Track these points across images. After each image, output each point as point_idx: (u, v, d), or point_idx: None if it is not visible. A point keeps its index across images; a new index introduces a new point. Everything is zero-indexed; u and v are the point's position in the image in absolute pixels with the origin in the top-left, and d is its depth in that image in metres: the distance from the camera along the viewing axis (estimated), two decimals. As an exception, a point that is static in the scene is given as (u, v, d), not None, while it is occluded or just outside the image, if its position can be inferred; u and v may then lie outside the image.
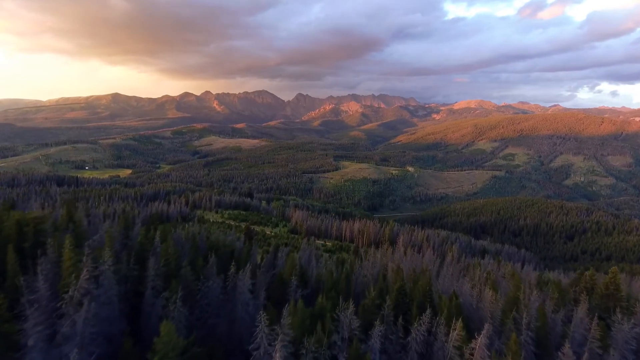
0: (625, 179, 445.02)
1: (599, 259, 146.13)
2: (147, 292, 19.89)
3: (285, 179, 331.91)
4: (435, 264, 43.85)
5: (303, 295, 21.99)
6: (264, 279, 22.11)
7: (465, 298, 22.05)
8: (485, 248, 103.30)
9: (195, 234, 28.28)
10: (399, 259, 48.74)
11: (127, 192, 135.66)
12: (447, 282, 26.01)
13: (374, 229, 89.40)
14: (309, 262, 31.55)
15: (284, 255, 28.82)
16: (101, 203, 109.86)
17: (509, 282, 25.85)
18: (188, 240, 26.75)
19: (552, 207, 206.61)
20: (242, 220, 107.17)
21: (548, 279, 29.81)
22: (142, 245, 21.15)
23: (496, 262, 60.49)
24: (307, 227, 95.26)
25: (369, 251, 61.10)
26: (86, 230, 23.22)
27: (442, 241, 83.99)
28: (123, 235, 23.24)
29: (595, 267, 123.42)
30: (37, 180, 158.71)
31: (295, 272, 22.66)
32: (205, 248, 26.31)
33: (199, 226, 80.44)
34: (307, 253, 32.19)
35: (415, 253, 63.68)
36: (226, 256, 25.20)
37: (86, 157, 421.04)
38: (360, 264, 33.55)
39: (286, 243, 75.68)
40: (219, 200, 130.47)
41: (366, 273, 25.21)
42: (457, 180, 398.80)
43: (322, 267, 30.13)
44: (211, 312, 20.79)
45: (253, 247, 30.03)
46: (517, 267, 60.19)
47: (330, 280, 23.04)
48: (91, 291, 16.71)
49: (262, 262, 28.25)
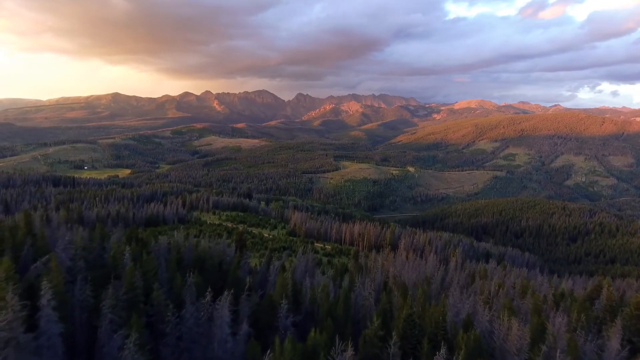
0: (626, 180, 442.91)
1: (603, 261, 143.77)
2: (102, 328, 16.36)
3: (285, 179, 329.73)
4: (439, 271, 41.63)
5: (295, 322, 19.47)
6: (248, 305, 19.34)
7: (481, 325, 19.67)
8: (488, 251, 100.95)
9: (180, 245, 25.76)
10: (401, 265, 46.44)
11: (123, 193, 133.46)
12: (456, 298, 23.69)
13: (375, 232, 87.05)
14: (305, 275, 29.25)
15: (277, 268, 26.35)
16: (96, 204, 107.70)
17: (528, 302, 23.66)
18: (173, 250, 24.23)
19: (554, 208, 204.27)
20: (240, 222, 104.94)
21: (563, 291, 27.71)
22: (113, 261, 18.49)
23: (502, 268, 58.24)
24: (305, 230, 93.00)
25: (369, 256, 58.88)
26: (47, 244, 19.96)
27: (445, 244, 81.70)
28: (97, 248, 20.50)
29: (602, 270, 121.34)
30: (33, 181, 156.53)
31: (286, 292, 20.17)
32: (190, 260, 23.87)
33: (189, 232, 78.26)
34: (303, 264, 29.89)
35: (418, 258, 61.44)
36: (213, 270, 22.84)
37: (85, 157, 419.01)
38: (359, 276, 31.29)
39: (284, 247, 73.42)
40: (217, 201, 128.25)
41: (367, 293, 22.85)
42: (457, 180, 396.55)
43: (318, 281, 27.81)
44: (183, 348, 17.28)
45: (243, 258, 27.63)
46: (523, 273, 57.92)
47: (326, 303, 20.56)
48: (16, 337, 13.51)
49: (252, 278, 25.65)
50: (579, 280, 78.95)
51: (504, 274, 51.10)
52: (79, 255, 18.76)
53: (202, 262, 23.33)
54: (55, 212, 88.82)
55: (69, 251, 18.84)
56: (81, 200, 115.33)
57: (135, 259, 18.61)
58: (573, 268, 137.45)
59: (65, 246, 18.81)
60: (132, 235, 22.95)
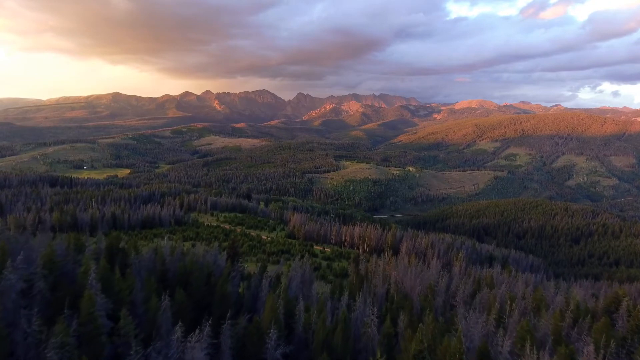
0: (628, 180, 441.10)
1: (607, 263, 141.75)
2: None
3: (285, 179, 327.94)
4: (443, 278, 39.78)
5: (285, 353, 17.15)
6: (232, 333, 17.10)
7: (500, 358, 17.63)
8: (491, 254, 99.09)
9: (165, 256, 23.61)
10: (403, 271, 44.59)
11: (121, 193, 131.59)
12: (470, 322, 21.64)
13: (376, 234, 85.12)
14: (301, 288, 27.24)
15: (270, 281, 24.22)
16: (92, 205, 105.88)
17: (547, 322, 21.74)
18: (158, 262, 22.06)
19: (556, 209, 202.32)
20: (238, 223, 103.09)
21: (578, 304, 25.97)
22: (82, 280, 16.10)
23: (507, 273, 56.44)
24: (305, 232, 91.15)
25: (370, 260, 57.00)
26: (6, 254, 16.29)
27: (448, 248, 79.86)
28: (68, 263, 18.04)
29: (607, 273, 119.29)
30: (29, 181, 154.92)
31: (276, 317, 18.03)
32: (175, 273, 21.78)
33: (178, 237, 76.47)
34: (299, 274, 27.93)
35: (420, 262, 59.61)
36: (199, 284, 20.83)
37: (84, 157, 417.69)
38: (360, 291, 29.41)
39: (282, 250, 71.58)
40: (215, 202, 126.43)
41: (369, 316, 20.89)
42: (458, 180, 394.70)
43: (315, 298, 25.84)
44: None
45: (235, 269, 25.59)
46: (530, 278, 56.06)
47: (323, 330, 18.41)
48: None
49: (242, 295, 23.46)
50: (585, 284, 77.17)
51: (510, 280, 49.36)
52: (39, 275, 15.56)
53: (188, 276, 21.30)
54: (49, 213, 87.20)
55: (22, 269, 15.40)
56: (77, 202, 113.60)
57: (105, 278, 16.24)
58: (576, 270, 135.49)
59: (19, 263, 15.25)
60: (112, 244, 20.92)
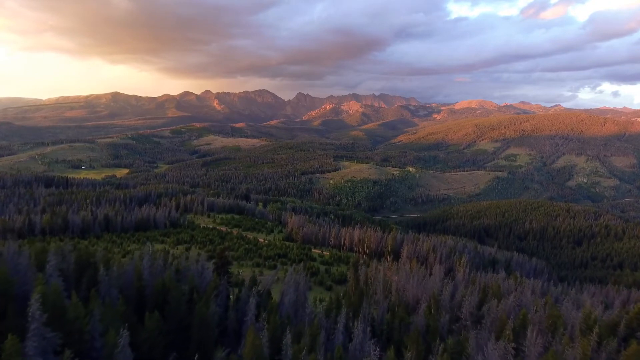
0: (629, 180, 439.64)
1: (611, 265, 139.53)
2: None
3: (284, 180, 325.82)
4: (447, 287, 37.66)
5: None
6: None
7: None
8: (494, 257, 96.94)
9: (143, 270, 21.17)
10: (405, 279, 42.42)
11: (116, 194, 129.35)
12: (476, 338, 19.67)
13: (376, 237, 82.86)
14: (293, 307, 24.94)
15: (254, 307, 21.57)
16: (86, 207, 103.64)
17: (576, 350, 19.66)
18: (134, 277, 19.57)
19: (558, 210, 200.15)
20: (235, 225, 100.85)
21: (595, 318, 23.99)
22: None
23: (513, 280, 54.37)
24: (303, 235, 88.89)
25: (370, 265, 54.84)
26: None
27: (450, 251, 77.67)
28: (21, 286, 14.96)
29: (612, 277, 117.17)
30: (24, 181, 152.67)
31: (258, 355, 15.68)
32: (152, 290, 19.38)
33: (170, 243, 74.42)
34: (292, 290, 25.61)
35: (422, 267, 57.48)
36: (179, 304, 18.46)
37: (83, 157, 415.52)
38: (360, 310, 27.17)
39: (279, 254, 69.28)
40: (212, 204, 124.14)
41: (369, 348, 18.81)
42: (459, 181, 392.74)
43: (309, 318, 23.63)
44: None
45: (222, 285, 23.20)
46: (537, 285, 53.93)
47: None
48: None
49: (224, 323, 20.53)
50: (592, 289, 75.05)
51: (516, 287, 47.25)
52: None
53: (166, 294, 19.03)
54: (41, 215, 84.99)
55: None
56: (71, 203, 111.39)
57: (56, 304, 13.41)
58: (580, 273, 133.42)
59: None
60: (81, 257, 18.55)
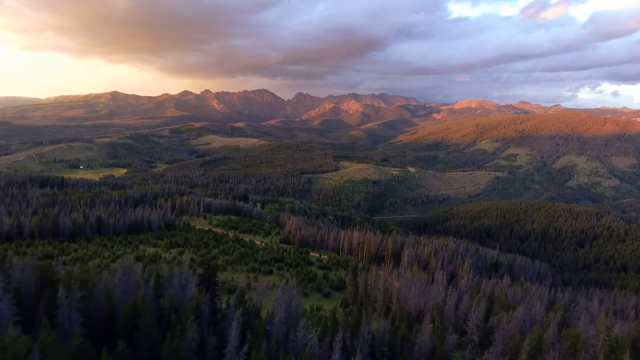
0: (629, 181, 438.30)
1: (614, 268, 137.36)
2: None
3: (284, 180, 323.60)
4: (451, 297, 35.46)
5: None
6: None
7: None
8: (497, 261, 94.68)
9: (111, 290, 18.63)
10: (407, 287, 40.23)
11: (111, 195, 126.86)
12: None
13: (375, 241, 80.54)
14: (284, 329, 22.74)
15: (239, 334, 19.11)
16: (80, 208, 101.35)
17: None
18: (103, 299, 16.92)
19: (560, 211, 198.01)
20: (231, 227, 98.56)
21: (616, 336, 21.95)
22: None
23: (519, 287, 52.11)
24: (300, 237, 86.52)
25: (370, 271, 52.67)
26: None
27: (452, 255, 75.38)
28: None
29: (617, 280, 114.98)
30: (18, 182, 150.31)
31: None
32: (122, 314, 16.89)
33: (163, 246, 72.12)
34: (284, 307, 23.33)
35: (423, 273, 55.30)
36: (150, 330, 16.08)
37: (81, 156, 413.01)
38: (358, 331, 25.02)
39: (275, 258, 66.95)
40: (209, 205, 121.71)
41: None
42: (459, 181, 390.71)
43: (300, 344, 21.46)
44: None
45: (205, 302, 20.65)
46: (544, 293, 51.66)
47: None
48: None
49: (211, 335, 18.26)
50: (599, 295, 72.88)
51: (523, 294, 45.10)
52: None
53: (138, 317, 16.74)
54: (31, 217, 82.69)
55: None
56: (65, 204, 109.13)
57: None
58: (583, 275, 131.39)
59: None
60: (42, 276, 16.32)
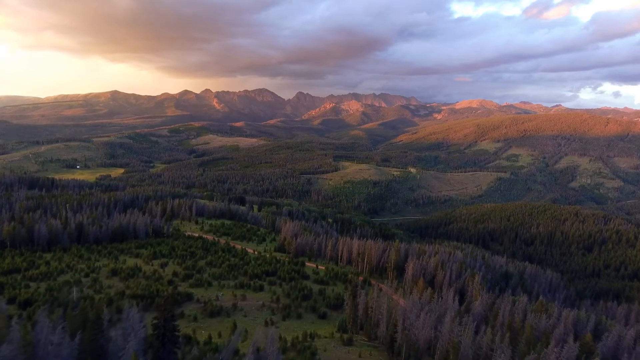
0: (633, 182, 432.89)
1: (626, 275, 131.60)
2: None
3: (283, 180, 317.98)
4: (467, 329, 30.07)
5: None
6: None
7: None
8: (507, 271, 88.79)
9: (31, 343, 13.79)
10: (415, 316, 34.65)
11: (100, 197, 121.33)
12: None
13: (377, 250, 74.54)
14: None
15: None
16: (63, 212, 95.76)
17: None
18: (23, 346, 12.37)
19: (566, 214, 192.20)
20: (224, 233, 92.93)
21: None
22: None
23: (540, 308, 46.67)
24: (296, 246, 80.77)
25: (372, 289, 47.08)
26: None
27: (460, 268, 69.52)
28: None
29: (632, 289, 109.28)
30: (6, 183, 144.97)
31: None
32: None
33: (146, 257, 66.42)
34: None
35: (430, 289, 49.75)
36: None
37: (78, 156, 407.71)
38: None
39: (267, 271, 61.19)
40: (202, 208, 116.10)
41: None
42: (460, 182, 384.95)
43: None
44: None
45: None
46: (569, 317, 46.24)
47: None
48: None
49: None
50: (619, 311, 67.39)
51: (547, 319, 39.88)
52: None
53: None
54: (8, 223, 77.18)
55: None
56: (50, 207, 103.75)
57: None
58: (593, 283, 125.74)
59: None
60: None
